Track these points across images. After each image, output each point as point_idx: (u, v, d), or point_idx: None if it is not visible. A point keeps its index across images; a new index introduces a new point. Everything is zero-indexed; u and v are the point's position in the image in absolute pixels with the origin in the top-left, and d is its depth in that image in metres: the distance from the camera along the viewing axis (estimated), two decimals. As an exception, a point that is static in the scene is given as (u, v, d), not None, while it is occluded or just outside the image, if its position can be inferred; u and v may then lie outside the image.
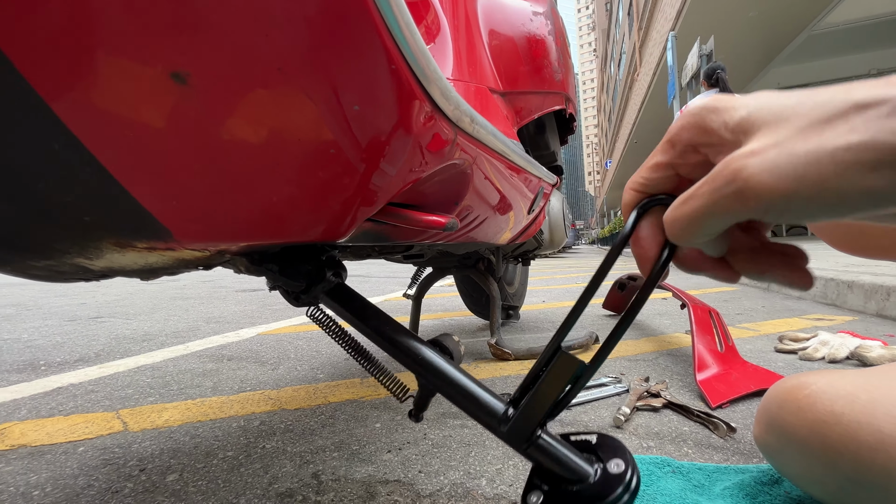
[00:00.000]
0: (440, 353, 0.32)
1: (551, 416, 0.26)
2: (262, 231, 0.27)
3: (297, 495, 0.46)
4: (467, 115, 0.28)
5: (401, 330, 0.33)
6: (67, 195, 0.23)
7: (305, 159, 0.23)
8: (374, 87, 0.21)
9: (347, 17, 0.19)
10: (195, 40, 0.17)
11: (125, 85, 0.18)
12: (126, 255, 0.29)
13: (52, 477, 0.52)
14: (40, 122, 0.19)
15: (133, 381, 0.92)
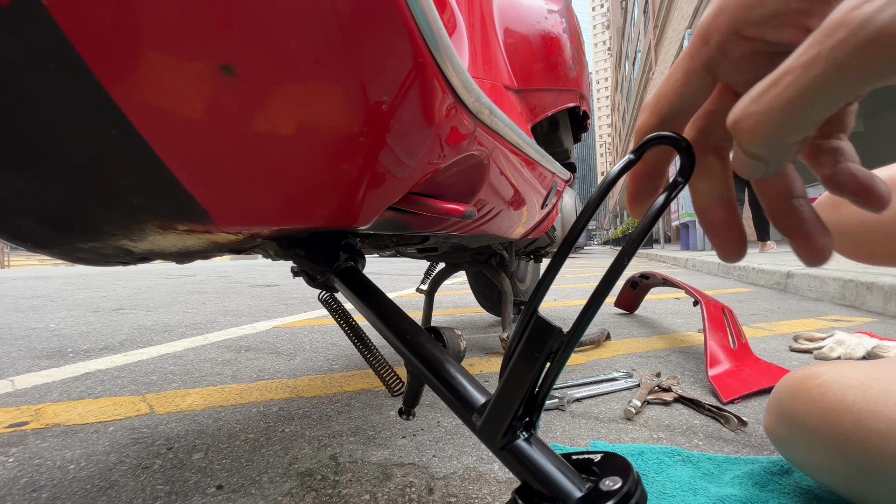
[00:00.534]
0: (432, 340, 0.31)
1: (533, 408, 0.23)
2: (292, 216, 0.29)
3: (316, 475, 0.48)
4: (486, 107, 0.30)
5: (398, 312, 0.33)
6: (120, 179, 0.25)
7: (336, 148, 0.25)
8: (401, 79, 0.23)
9: (380, 12, 0.20)
10: (243, 35, 0.19)
11: (179, 76, 0.20)
12: (167, 238, 0.31)
13: (86, 453, 0.55)
14: (102, 111, 0.21)
15: (156, 369, 0.96)
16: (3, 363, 1.03)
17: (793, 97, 0.12)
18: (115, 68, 0.20)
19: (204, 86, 0.20)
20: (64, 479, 0.49)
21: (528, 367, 0.22)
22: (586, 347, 1.04)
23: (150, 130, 0.22)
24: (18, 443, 0.59)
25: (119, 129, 0.22)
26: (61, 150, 0.23)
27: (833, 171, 0.16)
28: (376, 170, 0.27)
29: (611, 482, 0.21)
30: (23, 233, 0.32)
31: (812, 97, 0.12)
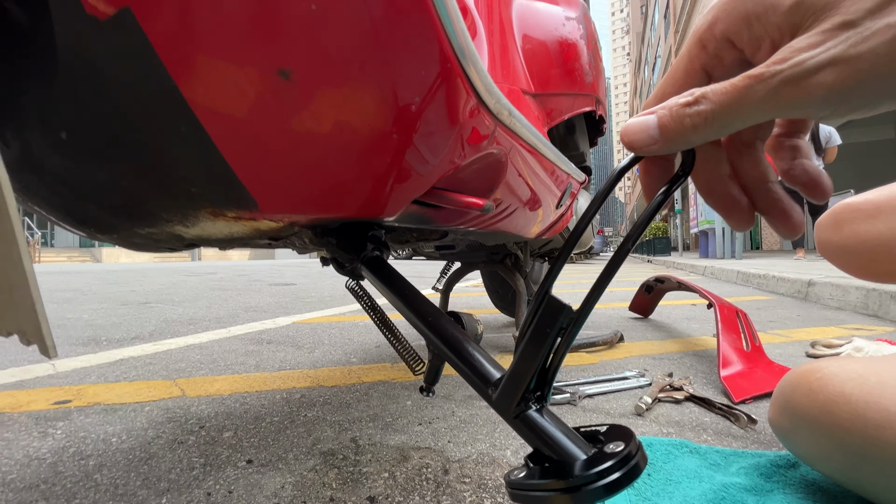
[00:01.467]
0: (452, 322, 0.33)
1: (544, 382, 0.26)
2: (328, 205, 0.32)
3: (338, 454, 0.51)
4: (506, 108, 0.32)
5: (421, 297, 0.35)
6: (183, 170, 0.28)
7: (371, 144, 0.28)
8: (431, 82, 0.25)
9: (415, 24, 0.23)
10: (299, 44, 0.22)
11: (243, 79, 0.23)
12: (216, 224, 0.34)
13: (126, 428, 0.59)
14: (175, 109, 0.25)
15: (184, 357, 1.00)
16: (43, 349, 1.10)
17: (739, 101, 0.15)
18: (190, 72, 0.23)
19: (263, 88, 0.24)
20: (108, 450, 0.53)
21: (540, 343, 0.24)
22: (599, 348, 1.05)
23: (213, 127, 0.25)
24: (64, 418, 0.63)
25: (188, 125, 0.26)
26: (136, 143, 0.27)
27: (790, 165, 0.19)
28: (405, 164, 0.30)
29: (614, 446, 0.23)
30: (89, 219, 0.36)
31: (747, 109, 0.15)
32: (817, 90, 0.14)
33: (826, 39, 0.14)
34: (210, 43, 0.22)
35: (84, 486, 0.44)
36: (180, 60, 0.23)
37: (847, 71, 0.13)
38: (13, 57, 0.27)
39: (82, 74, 0.24)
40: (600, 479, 0.22)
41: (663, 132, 0.17)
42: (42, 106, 0.27)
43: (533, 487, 0.24)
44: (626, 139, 0.19)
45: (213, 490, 0.43)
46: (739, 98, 0.15)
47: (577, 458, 0.24)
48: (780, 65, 0.14)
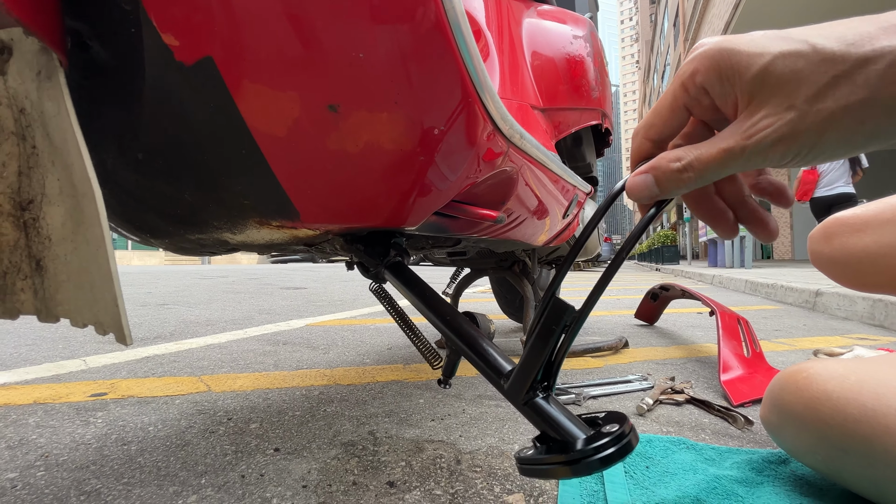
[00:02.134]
0: (467, 321, 0.38)
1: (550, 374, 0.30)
2: (361, 216, 0.36)
3: (357, 445, 0.55)
4: (518, 132, 0.37)
5: (439, 299, 0.39)
6: (238, 185, 0.33)
7: (400, 164, 0.32)
8: (454, 111, 0.30)
9: (442, 66, 0.28)
10: (347, 84, 0.27)
11: (299, 112, 0.28)
12: (260, 232, 0.39)
13: (160, 419, 0.64)
14: (238, 134, 0.29)
15: (206, 356, 1.05)
16: (73, 346, 1.16)
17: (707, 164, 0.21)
18: (255, 107, 0.28)
19: (314, 119, 0.28)
20: (146, 437, 0.57)
21: (547, 339, 0.28)
22: (604, 353, 1.08)
23: (269, 150, 0.30)
24: (102, 408, 0.68)
25: (247, 147, 0.30)
26: (203, 163, 0.32)
27: (756, 180, 0.23)
28: (428, 181, 0.34)
29: (610, 427, 0.27)
30: (146, 226, 0.41)
31: (713, 170, 0.21)
32: (774, 157, 0.20)
33: (776, 120, 0.19)
34: (275, 84, 0.27)
35: (129, 468, 0.49)
36: (248, 97, 0.27)
37: (789, 144, 0.19)
38: (96, 86, 0.32)
39: (165, 107, 0.29)
40: (597, 453, 0.26)
41: (662, 188, 0.23)
42: (123, 131, 0.32)
43: (539, 462, 0.28)
44: (634, 196, 0.24)
45: (247, 473, 0.48)
46: (718, 165, 0.21)
47: (578, 438, 0.28)
48: (746, 141, 0.20)
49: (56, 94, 0.29)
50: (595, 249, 1.31)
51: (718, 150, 0.21)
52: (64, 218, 0.33)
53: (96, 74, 0.31)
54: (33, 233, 0.35)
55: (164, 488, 0.44)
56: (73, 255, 0.33)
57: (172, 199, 0.36)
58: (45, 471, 0.48)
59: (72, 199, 0.32)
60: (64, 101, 0.29)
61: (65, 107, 0.29)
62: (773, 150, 0.19)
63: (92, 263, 0.31)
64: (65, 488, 0.44)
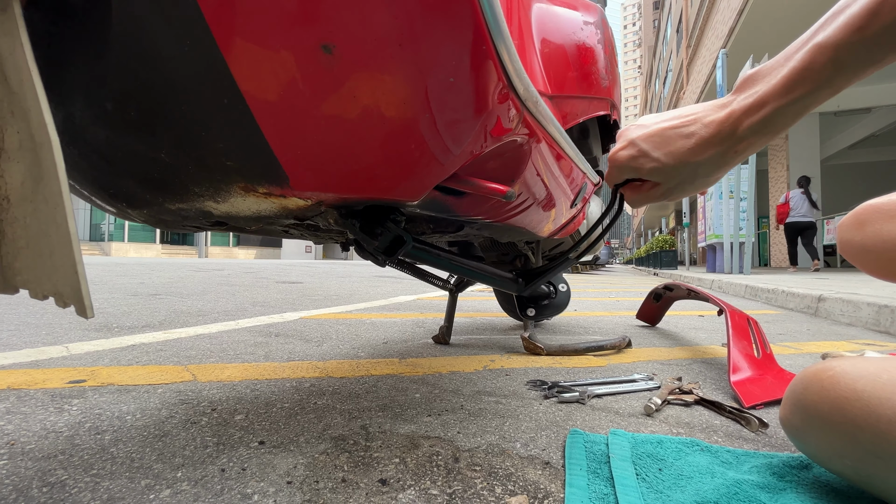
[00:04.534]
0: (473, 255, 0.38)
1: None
2: (357, 184, 0.33)
3: (349, 440, 0.52)
4: (533, 97, 0.33)
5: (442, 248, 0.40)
6: (221, 142, 0.29)
7: (405, 123, 0.29)
8: (468, 62, 0.26)
9: (456, 9, 0.24)
10: (343, 19, 0.23)
11: (289, 52, 0.24)
12: (246, 200, 0.35)
13: (139, 408, 0.60)
14: (219, 79, 0.26)
15: (194, 346, 1.02)
16: (56, 332, 1.11)
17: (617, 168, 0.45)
18: (238, 45, 0.24)
19: (306, 62, 0.24)
20: (122, 427, 0.54)
21: None
22: (607, 352, 1.05)
23: (255, 100, 0.26)
24: (79, 396, 0.64)
25: (229, 96, 0.27)
26: (177, 113, 0.28)
27: None
28: (434, 144, 0.31)
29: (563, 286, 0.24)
30: (122, 193, 0.37)
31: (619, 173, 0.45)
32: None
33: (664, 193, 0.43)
34: (261, 17, 0.23)
35: (101, 458, 0.45)
36: (230, 32, 0.24)
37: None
38: (60, 32, 0.28)
39: (134, 47, 0.25)
40: None
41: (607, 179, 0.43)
42: (89, 78, 0.29)
43: None
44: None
45: (227, 467, 0.44)
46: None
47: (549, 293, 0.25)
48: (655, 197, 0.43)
49: (11, 27, 0.25)
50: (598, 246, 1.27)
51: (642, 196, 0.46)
52: (24, 175, 0.29)
53: (61, 13, 0.27)
54: (-9, 193, 0.31)
55: (136, 481, 0.41)
56: (32, 218, 0.29)
57: (147, 159, 0.32)
58: (8, 459, 0.44)
59: (31, 154, 0.28)
60: (19, 36, 0.25)
61: (20, 41, 0.25)
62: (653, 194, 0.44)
63: (51, 225, 0.28)
64: (27, 479, 0.41)
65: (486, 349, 1.06)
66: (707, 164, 0.39)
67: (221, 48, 0.24)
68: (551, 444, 0.52)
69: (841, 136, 9.18)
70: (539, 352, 1.01)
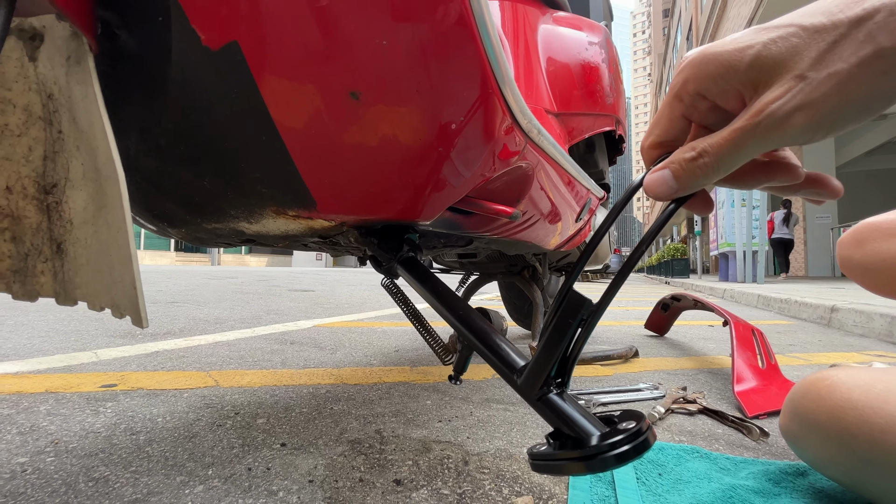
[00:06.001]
0: (480, 317, 0.37)
1: (565, 370, 0.29)
2: (377, 208, 0.36)
3: (364, 443, 0.55)
4: (535, 128, 0.37)
5: (452, 294, 0.39)
6: (257, 172, 0.33)
7: (420, 156, 0.32)
8: (475, 103, 0.30)
9: (464, 55, 0.28)
10: (370, 71, 0.27)
11: (321, 99, 0.28)
12: (276, 222, 0.39)
13: (168, 411, 0.64)
14: (259, 119, 0.30)
15: (214, 352, 1.06)
16: (84, 339, 1.17)
17: (730, 149, 0.20)
18: (277, 92, 0.28)
19: (336, 106, 0.28)
20: (154, 428, 0.57)
21: (563, 333, 0.27)
22: (614, 362, 1.06)
23: (289, 137, 0.30)
24: (112, 399, 0.69)
25: (267, 133, 0.30)
26: (223, 150, 0.32)
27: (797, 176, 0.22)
28: (445, 173, 0.34)
29: (626, 424, 0.27)
30: (165, 214, 0.42)
31: (740, 153, 0.20)
32: (793, 129, 0.18)
33: (788, 90, 0.18)
34: (298, 70, 0.27)
35: (138, 457, 0.49)
36: (271, 82, 0.28)
37: (811, 112, 0.18)
38: (122, 74, 0.33)
39: (189, 93, 0.29)
40: (612, 449, 0.25)
41: (680, 182, 0.22)
42: (147, 116, 0.33)
43: (552, 457, 0.27)
44: (652, 192, 0.23)
45: (253, 466, 0.47)
46: (733, 147, 0.20)
47: (593, 434, 0.27)
48: (758, 117, 0.19)
49: (85, 78, 0.30)
50: (606, 256, 1.29)
51: (731, 131, 0.20)
52: (86, 202, 0.34)
53: (123, 61, 0.32)
54: (55, 216, 0.35)
55: (172, 477, 0.44)
56: (93, 239, 0.33)
57: (191, 185, 0.36)
58: (54, 457, 0.48)
59: (94, 183, 0.32)
60: (92, 85, 0.29)
61: (93, 90, 0.29)
62: (791, 122, 0.18)
63: (112, 246, 0.32)
64: (73, 474, 0.45)
65: (495, 358, 1.09)
66: None
67: (263, 95, 0.28)
68: (557, 449, 0.55)
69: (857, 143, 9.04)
70: (547, 361, 1.03)
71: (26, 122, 0.33)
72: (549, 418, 0.29)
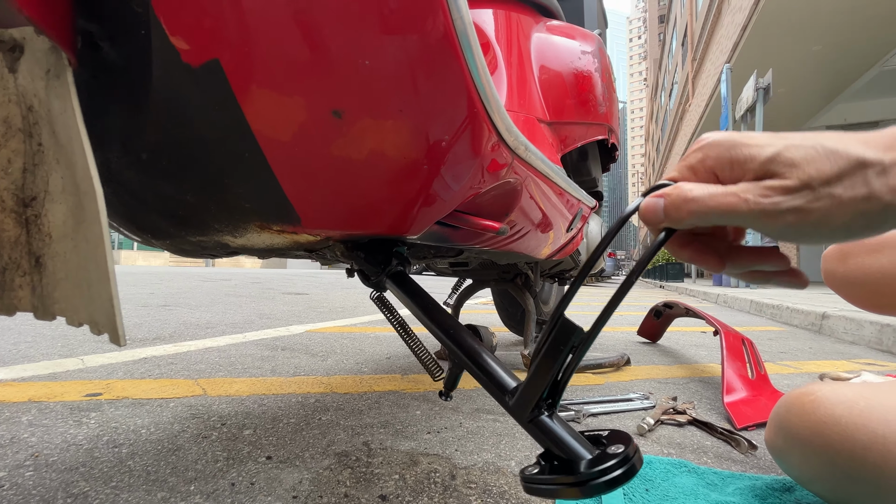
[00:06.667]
0: (470, 334, 0.37)
1: (556, 392, 0.29)
2: (363, 223, 0.36)
3: (351, 456, 0.54)
4: (522, 144, 0.36)
5: (442, 310, 0.39)
6: (240, 187, 0.33)
7: (404, 173, 0.32)
8: (460, 123, 0.30)
9: (449, 76, 0.27)
10: (353, 90, 0.27)
11: (304, 116, 0.28)
12: (261, 236, 0.39)
13: (153, 422, 0.63)
14: (241, 137, 0.29)
15: (203, 359, 1.05)
16: (71, 344, 1.15)
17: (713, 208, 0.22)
18: (259, 109, 0.27)
19: (319, 123, 0.28)
20: (138, 440, 0.57)
21: (554, 358, 0.28)
22: (605, 370, 1.06)
23: (272, 153, 0.30)
24: (96, 409, 0.68)
25: (250, 150, 0.30)
26: (205, 165, 0.32)
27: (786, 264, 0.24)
28: (432, 190, 0.34)
29: (615, 448, 0.27)
30: (148, 227, 0.41)
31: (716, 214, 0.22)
32: (781, 225, 0.21)
33: (793, 191, 0.20)
34: (280, 87, 0.27)
35: (119, 471, 0.48)
36: (253, 100, 0.27)
37: (801, 217, 0.20)
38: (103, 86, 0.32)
39: (170, 108, 0.29)
40: (603, 475, 0.25)
41: (667, 215, 0.23)
42: (128, 130, 0.32)
43: (546, 482, 0.27)
44: (643, 217, 0.24)
45: (237, 481, 0.47)
46: (726, 208, 0.21)
47: (583, 458, 0.27)
48: (764, 200, 0.21)
49: (63, 92, 0.29)
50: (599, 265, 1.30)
51: (731, 194, 0.21)
52: (65, 216, 0.33)
53: (104, 74, 0.31)
54: (34, 230, 0.35)
55: (153, 494, 0.44)
56: (72, 253, 0.33)
57: (174, 200, 0.36)
58: (34, 471, 0.47)
59: (74, 197, 0.32)
60: (71, 100, 0.29)
61: (71, 105, 0.29)
62: (783, 218, 0.20)
63: (90, 262, 0.31)
64: (52, 490, 0.44)
65: (487, 365, 1.09)
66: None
67: (245, 111, 0.28)
68: (545, 462, 0.54)
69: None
70: (539, 369, 1.02)
71: (6, 134, 0.33)
72: (541, 440, 0.29)
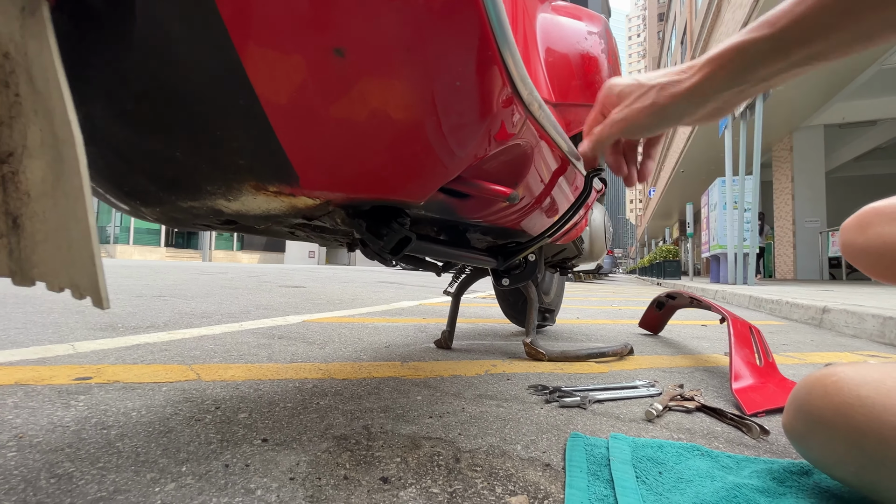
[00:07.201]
0: None
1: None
2: (365, 184, 0.34)
3: (350, 439, 0.52)
4: (536, 101, 0.34)
5: None
6: (235, 141, 0.30)
7: (412, 123, 0.30)
8: (472, 67, 0.27)
9: (462, 10, 0.25)
10: (355, 24, 0.24)
11: (303, 55, 0.25)
12: (256, 199, 0.36)
13: (145, 405, 0.61)
14: (235, 81, 0.27)
15: (198, 346, 1.02)
16: (63, 331, 1.13)
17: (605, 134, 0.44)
18: (255, 48, 0.25)
19: (319, 64, 0.26)
20: (128, 423, 0.54)
21: None
22: (609, 359, 1.05)
23: (269, 100, 0.28)
24: (85, 392, 0.65)
25: (244, 97, 0.28)
26: (194, 113, 0.29)
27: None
28: (438, 146, 0.32)
29: None
30: (137, 191, 0.39)
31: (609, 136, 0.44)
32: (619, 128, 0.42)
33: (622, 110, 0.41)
34: (277, 22, 0.24)
35: (107, 452, 0.46)
36: (247, 36, 0.25)
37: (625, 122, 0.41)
38: (83, 32, 0.30)
39: (157, 49, 0.26)
40: None
41: (590, 146, 0.45)
42: (112, 78, 0.30)
43: None
44: (583, 152, 0.46)
45: (231, 462, 0.45)
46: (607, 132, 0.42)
47: None
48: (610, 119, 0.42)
49: (40, 30, 0.27)
50: (601, 253, 1.28)
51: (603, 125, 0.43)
52: (44, 172, 0.31)
53: (85, 18, 0.29)
54: (11, 188, 0.32)
55: (142, 475, 0.41)
56: (51, 212, 0.31)
57: (163, 157, 0.33)
58: (16, 451, 0.45)
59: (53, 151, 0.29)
60: (48, 38, 0.26)
61: (48, 44, 0.26)
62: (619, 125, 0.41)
63: (70, 219, 0.29)
64: (35, 470, 0.41)
65: (488, 354, 1.07)
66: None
67: (238, 51, 0.25)
68: (552, 446, 0.52)
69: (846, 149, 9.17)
70: (541, 357, 1.01)
71: (-20, 85, 0.30)
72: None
